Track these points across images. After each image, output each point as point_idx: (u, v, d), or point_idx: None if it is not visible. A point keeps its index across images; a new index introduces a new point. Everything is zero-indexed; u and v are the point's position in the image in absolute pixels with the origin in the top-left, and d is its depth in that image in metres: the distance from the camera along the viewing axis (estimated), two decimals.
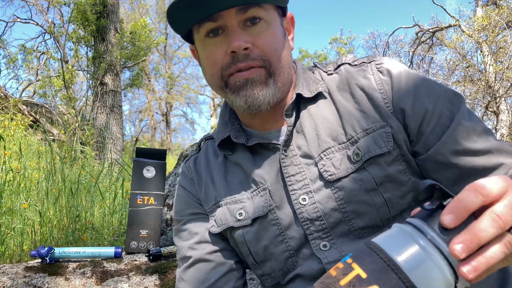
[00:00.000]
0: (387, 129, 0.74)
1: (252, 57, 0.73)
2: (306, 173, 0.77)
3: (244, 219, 0.80)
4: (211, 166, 0.88)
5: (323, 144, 0.77)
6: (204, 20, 0.73)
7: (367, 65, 0.80)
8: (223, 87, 0.77)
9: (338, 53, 12.17)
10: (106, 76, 7.38)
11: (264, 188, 0.79)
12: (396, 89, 0.75)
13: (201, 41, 0.77)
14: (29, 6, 9.20)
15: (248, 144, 0.81)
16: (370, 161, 0.73)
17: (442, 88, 0.76)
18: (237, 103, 0.77)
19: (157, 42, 9.45)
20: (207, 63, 0.78)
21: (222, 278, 0.81)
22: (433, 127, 0.72)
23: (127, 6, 16.69)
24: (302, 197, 0.76)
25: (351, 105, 0.78)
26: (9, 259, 1.99)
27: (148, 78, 16.80)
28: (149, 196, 1.73)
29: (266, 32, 0.74)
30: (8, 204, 2.41)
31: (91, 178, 3.19)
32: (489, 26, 6.44)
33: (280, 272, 0.80)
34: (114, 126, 7.30)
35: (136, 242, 1.69)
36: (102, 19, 7.39)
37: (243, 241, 0.81)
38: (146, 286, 1.40)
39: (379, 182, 0.73)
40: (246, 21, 0.73)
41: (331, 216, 0.74)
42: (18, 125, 5.38)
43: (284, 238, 0.77)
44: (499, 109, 6.44)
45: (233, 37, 0.72)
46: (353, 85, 0.79)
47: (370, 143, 0.74)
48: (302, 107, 0.81)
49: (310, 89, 0.81)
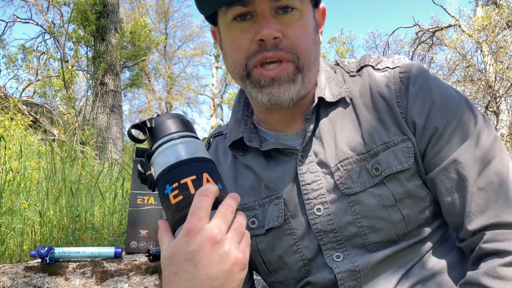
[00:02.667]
0: (409, 144, 0.70)
1: (281, 47, 0.68)
2: (323, 182, 0.73)
3: (257, 227, 0.77)
4: (221, 167, 0.84)
5: (340, 154, 0.73)
6: (234, 2, 0.68)
7: (390, 71, 0.75)
8: (244, 77, 0.72)
9: (337, 52, 12.16)
10: (106, 76, 7.38)
11: (278, 196, 0.76)
12: (411, 103, 0.71)
13: (227, 24, 0.72)
14: (29, 6, 9.20)
15: (262, 149, 0.77)
16: (390, 176, 0.70)
17: (462, 105, 0.71)
18: (259, 99, 0.72)
19: (157, 42, 9.45)
20: (231, 48, 0.73)
21: None
22: (438, 150, 0.70)
23: (127, 6, 16.70)
24: (317, 207, 0.73)
25: (372, 114, 0.74)
26: (9, 259, 1.99)
27: (148, 78, 16.80)
28: (149, 196, 1.73)
29: (298, 23, 0.69)
30: (8, 204, 2.41)
31: (91, 178, 3.19)
32: (489, 26, 6.44)
33: (293, 280, 0.77)
34: (114, 126, 7.30)
35: (136, 242, 1.69)
36: (102, 19, 7.39)
37: (256, 250, 0.78)
38: (146, 286, 1.40)
39: (399, 199, 0.70)
40: (278, 8, 0.68)
41: (346, 229, 0.72)
42: (18, 125, 5.38)
43: (299, 248, 0.75)
44: (499, 109, 6.43)
45: (264, 24, 0.67)
46: (374, 92, 0.74)
47: (391, 158, 0.70)
48: (323, 111, 0.76)
49: (333, 92, 0.76)
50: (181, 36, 21.06)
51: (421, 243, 0.73)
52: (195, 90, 22.41)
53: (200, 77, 23.06)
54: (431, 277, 0.71)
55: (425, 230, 0.72)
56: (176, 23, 19.87)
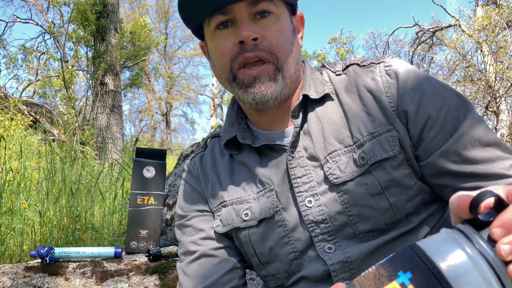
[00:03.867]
0: (394, 133, 0.73)
1: (260, 47, 0.73)
2: (313, 175, 0.77)
3: (250, 219, 0.80)
4: (218, 165, 0.88)
5: (329, 147, 0.76)
6: (215, 12, 0.74)
7: (375, 66, 0.79)
8: (231, 80, 0.77)
9: (337, 53, 12.14)
10: (106, 76, 7.38)
11: (271, 189, 0.79)
12: (401, 93, 0.74)
13: (211, 34, 0.78)
14: (29, 6, 9.20)
15: (254, 146, 0.81)
16: (375, 165, 0.73)
17: (449, 93, 0.75)
18: (245, 99, 0.77)
19: (157, 42, 9.45)
20: (216, 55, 0.78)
21: (226, 274, 0.81)
22: (435, 134, 0.72)
23: (127, 6, 16.71)
24: (308, 199, 0.76)
25: (358, 107, 0.77)
26: (9, 259, 1.99)
27: (148, 78, 16.80)
28: (149, 196, 1.73)
29: (275, 26, 0.75)
30: (8, 204, 2.41)
31: (91, 178, 3.20)
32: (489, 26, 6.44)
33: (284, 273, 0.79)
34: (114, 126, 7.30)
35: (136, 242, 1.69)
36: (102, 19, 7.40)
37: (248, 242, 0.80)
38: (146, 286, 1.40)
39: (385, 186, 0.73)
40: (255, 14, 0.74)
41: (336, 219, 0.74)
42: (18, 125, 5.38)
43: (290, 240, 0.77)
44: (499, 109, 6.43)
45: (242, 27, 0.72)
46: (360, 86, 0.78)
47: (376, 147, 0.73)
48: (309, 108, 0.81)
49: (317, 90, 0.80)
50: (181, 36, 21.06)
51: (411, 233, 0.74)
52: (195, 90, 22.44)
53: (200, 77, 23.06)
54: None
55: (414, 220, 0.74)
56: (176, 23, 19.88)
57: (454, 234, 0.39)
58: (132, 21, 9.30)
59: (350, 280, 0.71)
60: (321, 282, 0.75)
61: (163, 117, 21.25)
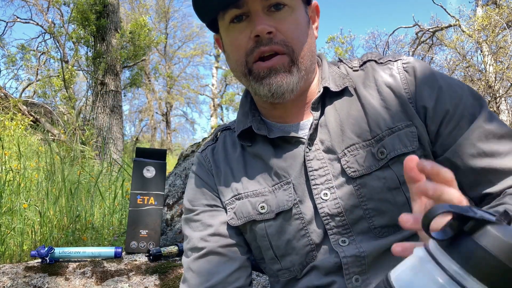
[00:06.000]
0: (413, 128, 0.74)
1: (275, 41, 0.73)
2: (329, 168, 0.77)
3: (267, 212, 0.79)
4: (230, 158, 0.87)
5: (347, 140, 0.77)
6: (229, 6, 0.74)
7: (393, 63, 0.80)
8: (247, 74, 0.77)
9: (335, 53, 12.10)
10: (106, 76, 7.38)
11: (288, 182, 0.79)
12: (419, 90, 0.76)
13: (225, 28, 0.78)
14: (29, 6, 9.21)
15: (270, 137, 0.81)
16: (395, 159, 0.74)
17: (464, 90, 0.76)
18: (261, 92, 0.77)
19: (157, 42, 9.45)
20: (231, 49, 0.79)
21: (233, 273, 0.80)
22: (451, 129, 0.73)
23: (127, 6, 16.71)
24: (324, 192, 0.76)
25: (377, 102, 0.78)
26: (9, 259, 1.99)
27: (148, 78, 16.81)
28: (149, 196, 1.73)
29: (289, 18, 0.75)
30: (8, 204, 2.41)
31: (91, 178, 3.20)
32: (489, 26, 6.44)
33: (299, 266, 0.79)
34: (114, 126, 7.30)
35: (136, 242, 1.69)
36: (102, 19, 7.39)
37: (264, 235, 0.80)
38: (146, 286, 1.40)
39: (402, 181, 0.73)
40: (270, 6, 0.74)
41: (352, 212, 0.75)
42: (18, 125, 5.38)
43: (307, 232, 0.77)
44: (499, 109, 6.44)
45: (257, 21, 0.72)
46: (379, 82, 0.79)
47: (396, 142, 0.74)
48: (328, 101, 0.81)
49: (337, 83, 0.80)
50: (181, 36, 21.10)
51: None
52: (195, 90, 22.44)
53: (200, 77, 23.05)
54: None
55: None
56: (176, 23, 19.90)
57: (423, 261, 0.38)
58: (132, 21, 9.30)
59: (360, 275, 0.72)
60: (332, 274, 0.76)
61: (163, 117, 21.25)
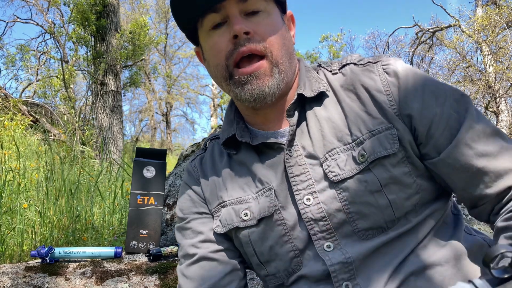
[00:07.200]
0: (393, 131, 0.74)
1: (253, 41, 0.74)
2: (311, 173, 0.77)
3: (250, 219, 0.80)
4: (217, 166, 0.88)
5: (328, 145, 0.77)
6: (206, 11, 0.76)
7: (373, 65, 0.79)
8: (227, 78, 0.78)
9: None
10: (106, 76, 7.38)
11: (269, 188, 0.79)
12: (402, 92, 0.75)
13: (205, 34, 0.79)
14: (29, 6, 9.21)
15: (252, 144, 0.81)
16: (375, 162, 0.73)
17: (448, 89, 0.76)
18: (243, 97, 0.77)
19: (157, 42, 9.45)
20: (211, 54, 0.79)
21: (226, 277, 0.81)
22: (442, 130, 0.72)
23: (127, 6, 16.71)
24: (306, 197, 0.76)
25: (357, 105, 0.77)
26: (9, 259, 1.99)
27: (148, 78, 16.80)
28: (149, 196, 1.73)
29: (266, 21, 0.77)
30: (8, 204, 2.41)
31: (91, 178, 3.20)
32: (489, 26, 6.44)
33: (284, 272, 0.79)
34: (114, 126, 7.30)
35: (136, 242, 1.69)
36: (102, 19, 7.40)
37: (248, 241, 0.81)
38: (146, 286, 1.40)
39: (384, 184, 0.73)
40: (246, 12, 0.76)
41: (335, 216, 0.74)
42: (18, 125, 5.38)
43: (290, 238, 0.77)
44: (499, 109, 6.44)
45: (235, 22, 0.74)
46: (358, 85, 0.78)
47: (376, 145, 0.74)
48: (307, 107, 0.81)
49: (312, 88, 0.80)
50: (181, 36, 21.03)
51: (411, 233, 0.74)
52: (195, 90, 22.44)
53: (200, 77, 23.00)
54: (424, 269, 0.72)
55: (413, 219, 0.75)
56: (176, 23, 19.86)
57: None
58: (132, 21, 9.29)
59: (349, 281, 0.71)
60: (321, 281, 0.75)
61: (163, 117, 21.26)
